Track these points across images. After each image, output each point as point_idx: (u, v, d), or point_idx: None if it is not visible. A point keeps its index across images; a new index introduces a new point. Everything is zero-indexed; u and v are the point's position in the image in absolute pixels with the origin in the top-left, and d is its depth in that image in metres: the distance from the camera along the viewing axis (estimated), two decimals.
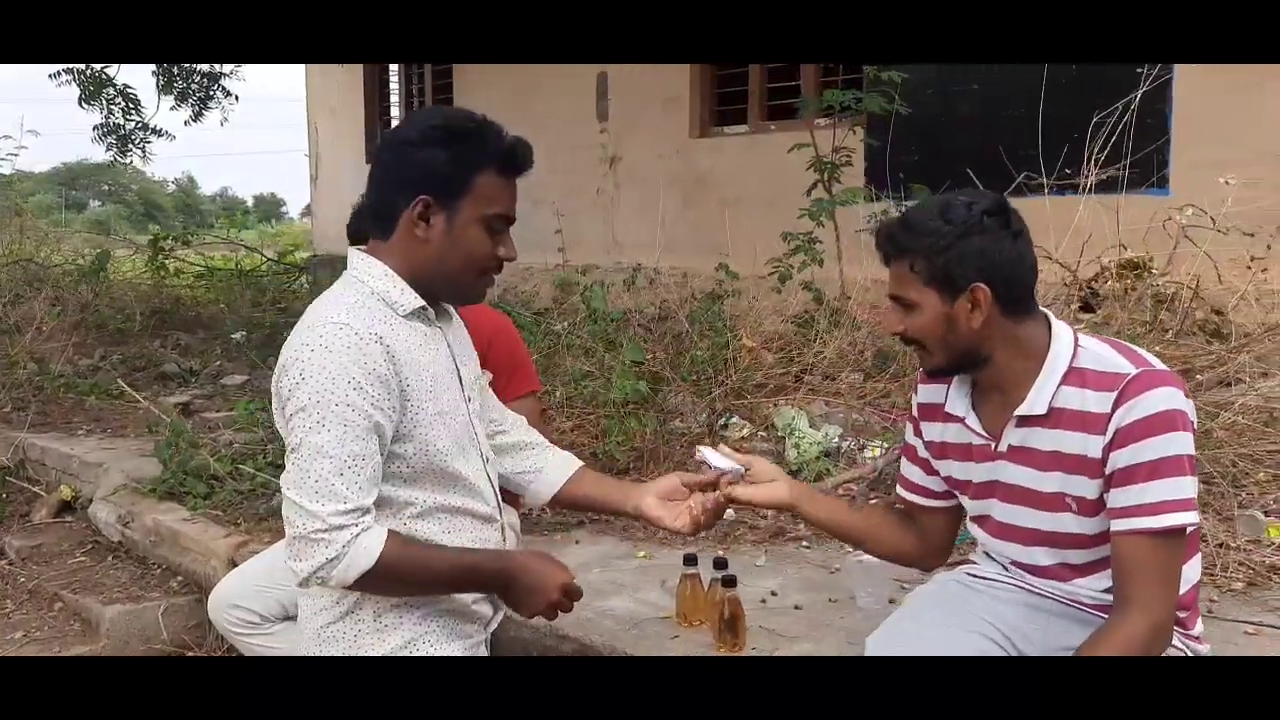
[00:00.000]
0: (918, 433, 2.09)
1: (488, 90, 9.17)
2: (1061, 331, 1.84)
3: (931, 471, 2.09)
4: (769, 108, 7.39)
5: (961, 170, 5.47)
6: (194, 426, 4.75)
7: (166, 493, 4.11)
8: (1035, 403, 1.81)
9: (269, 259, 11.98)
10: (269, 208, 54.65)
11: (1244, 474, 3.20)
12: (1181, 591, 1.80)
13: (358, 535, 1.69)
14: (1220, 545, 2.81)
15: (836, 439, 3.94)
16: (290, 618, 2.89)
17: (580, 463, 2.22)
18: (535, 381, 3.14)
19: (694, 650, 2.43)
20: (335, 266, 11.97)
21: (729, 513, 3.44)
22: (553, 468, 2.20)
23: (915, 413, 2.08)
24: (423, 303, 1.86)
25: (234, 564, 3.54)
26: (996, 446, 1.88)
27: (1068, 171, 4.46)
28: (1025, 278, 1.83)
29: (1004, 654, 1.87)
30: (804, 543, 3.17)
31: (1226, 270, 3.88)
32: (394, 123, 10.79)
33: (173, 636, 3.54)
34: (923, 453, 2.08)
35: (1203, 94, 5.03)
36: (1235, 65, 4.65)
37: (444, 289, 1.90)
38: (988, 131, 5.95)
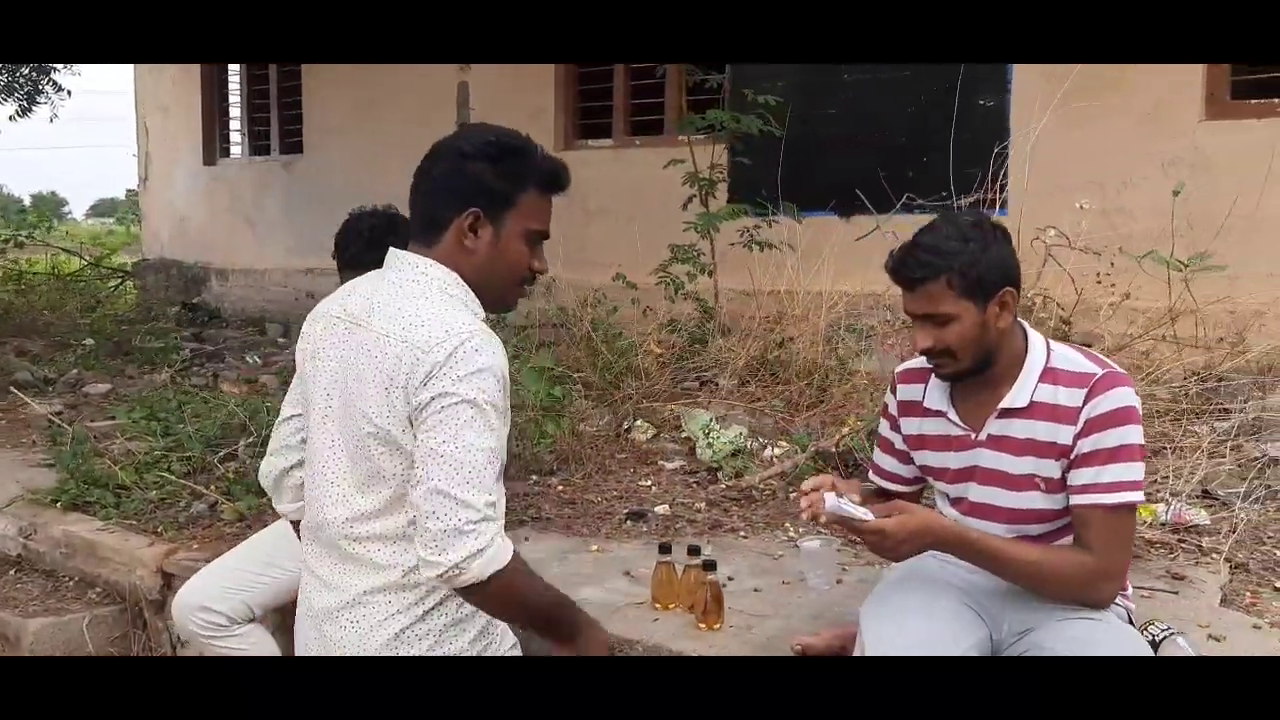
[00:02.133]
0: (895, 428, 2.36)
1: (340, 95, 9.06)
2: (1035, 338, 2.15)
3: (906, 461, 2.37)
4: (633, 123, 7.64)
5: (822, 188, 5.90)
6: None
7: (70, 504, 3.99)
8: (1018, 397, 2.10)
9: (89, 262, 11.41)
10: (49, 207, 51.02)
11: None
12: None
13: (499, 530, 1.73)
14: None
15: (744, 439, 4.23)
16: (254, 620, 2.93)
17: None
18: None
19: (676, 630, 2.63)
20: (169, 271, 11.37)
21: (664, 508, 3.68)
22: None
23: (894, 410, 2.35)
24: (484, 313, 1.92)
25: (164, 572, 3.51)
26: (976, 436, 2.17)
27: (932, 195, 4.91)
28: (1021, 285, 2.13)
29: (976, 614, 2.17)
30: (741, 533, 3.42)
31: (1078, 285, 4.38)
32: (235, 124, 10.43)
33: (98, 648, 3.47)
34: (900, 445, 2.36)
35: (1037, 126, 5.60)
36: (1068, 102, 5.27)
37: (486, 297, 1.94)
38: (846, 153, 6.42)
